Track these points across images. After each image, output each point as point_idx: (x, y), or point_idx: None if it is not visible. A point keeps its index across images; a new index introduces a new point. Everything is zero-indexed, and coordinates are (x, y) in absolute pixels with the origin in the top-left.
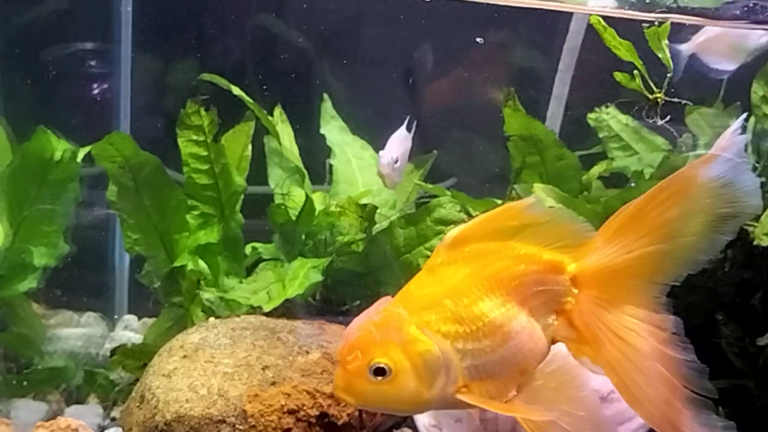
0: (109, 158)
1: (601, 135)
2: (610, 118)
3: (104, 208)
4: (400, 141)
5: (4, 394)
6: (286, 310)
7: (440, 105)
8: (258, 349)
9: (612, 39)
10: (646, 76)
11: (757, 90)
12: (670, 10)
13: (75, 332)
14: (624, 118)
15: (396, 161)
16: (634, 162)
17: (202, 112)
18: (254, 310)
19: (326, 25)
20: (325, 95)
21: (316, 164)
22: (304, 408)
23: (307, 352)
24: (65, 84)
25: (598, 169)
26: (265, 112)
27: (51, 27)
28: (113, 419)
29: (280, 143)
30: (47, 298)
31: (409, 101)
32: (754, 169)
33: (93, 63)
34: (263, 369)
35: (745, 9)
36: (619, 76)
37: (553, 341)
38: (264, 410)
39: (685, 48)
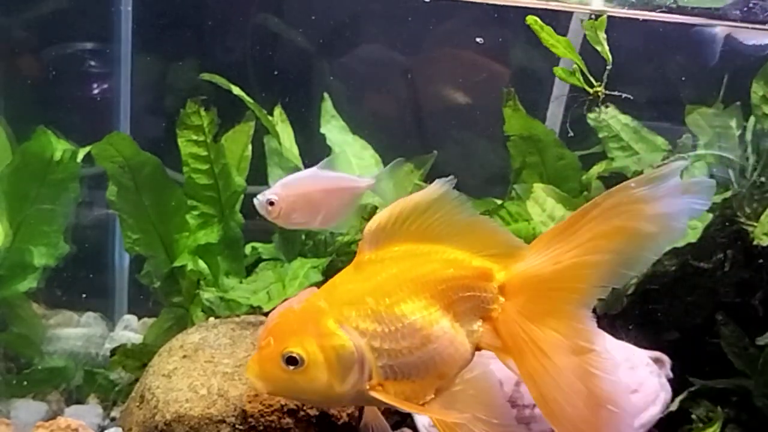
0: (109, 158)
1: (601, 135)
2: (609, 118)
3: (104, 208)
4: (289, 182)
5: (4, 394)
6: None
7: (440, 105)
8: None
9: (549, 37)
10: (586, 71)
11: (757, 90)
12: (670, 10)
13: (75, 332)
14: (624, 118)
15: (271, 203)
16: (634, 162)
17: (202, 112)
18: (254, 310)
19: (326, 25)
20: (325, 95)
21: (316, 164)
22: (304, 408)
23: None
24: (65, 84)
25: (597, 169)
26: (265, 112)
27: (51, 27)
28: (113, 419)
29: (280, 143)
30: (47, 298)
31: (408, 101)
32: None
33: (93, 63)
34: None
35: (745, 9)
36: (558, 71)
37: (478, 348)
38: (264, 410)
39: (720, 29)
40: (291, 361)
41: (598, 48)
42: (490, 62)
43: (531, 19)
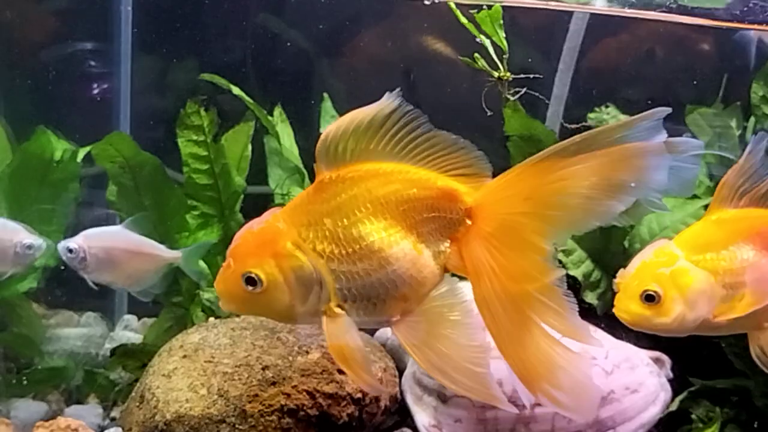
0: (109, 158)
1: None
2: (610, 118)
3: (104, 208)
4: (92, 234)
5: (4, 394)
6: None
7: (440, 104)
8: (258, 349)
9: (463, 18)
10: (494, 57)
11: (756, 90)
12: (670, 10)
13: (75, 332)
14: (624, 118)
15: (70, 251)
16: None
17: (202, 112)
18: None
19: (326, 25)
20: (325, 95)
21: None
22: (304, 408)
23: (307, 352)
24: (65, 84)
25: None
26: (265, 112)
27: (51, 27)
28: (113, 419)
29: (280, 143)
30: (47, 298)
31: (408, 101)
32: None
33: (93, 63)
34: (263, 369)
35: (745, 9)
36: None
37: (446, 269)
38: (264, 410)
39: (754, 32)
40: (250, 281)
41: (494, 38)
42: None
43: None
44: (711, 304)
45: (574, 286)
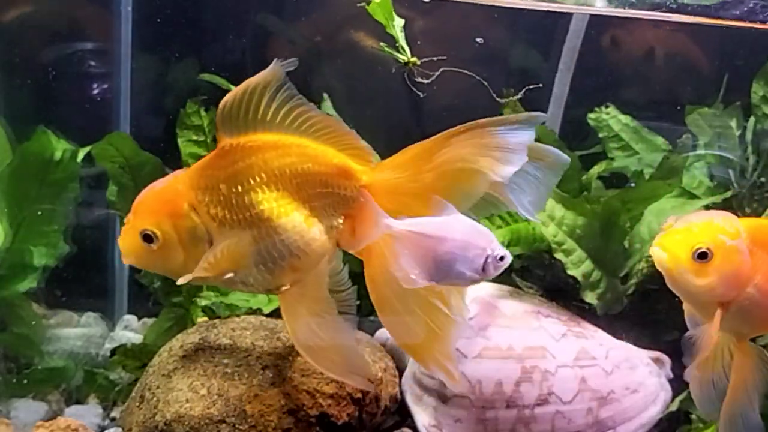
0: (109, 158)
1: (601, 135)
2: (610, 118)
3: (104, 208)
4: None
5: (4, 394)
6: None
7: (440, 105)
8: (258, 349)
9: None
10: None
11: (757, 90)
12: (670, 10)
13: (75, 332)
14: (624, 118)
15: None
16: (633, 162)
17: (202, 112)
18: (254, 310)
19: (326, 25)
20: (325, 95)
21: None
22: (304, 408)
23: None
24: (65, 84)
25: (597, 169)
26: None
27: (51, 27)
28: (113, 419)
29: None
30: (47, 298)
31: (408, 101)
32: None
33: (93, 63)
34: (263, 369)
35: (746, 9)
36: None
37: (338, 245)
38: (264, 410)
39: None
40: (147, 238)
41: (387, 28)
42: (490, 62)
43: None
44: (736, 291)
45: (574, 286)
